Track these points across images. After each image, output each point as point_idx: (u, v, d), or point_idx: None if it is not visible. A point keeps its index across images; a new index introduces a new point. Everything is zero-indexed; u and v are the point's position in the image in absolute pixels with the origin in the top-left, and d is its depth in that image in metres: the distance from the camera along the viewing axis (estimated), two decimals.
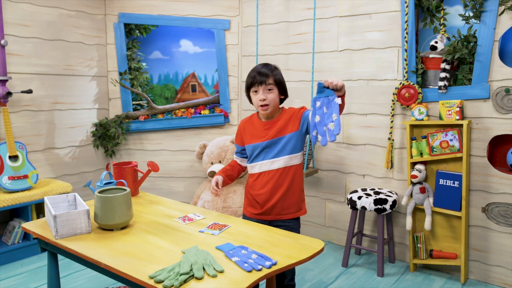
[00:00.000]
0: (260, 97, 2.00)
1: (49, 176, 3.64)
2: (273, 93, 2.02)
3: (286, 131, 2.04)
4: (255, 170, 2.09)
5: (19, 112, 3.39)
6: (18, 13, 3.33)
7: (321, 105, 1.76)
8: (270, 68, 2.04)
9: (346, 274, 2.98)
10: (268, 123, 2.07)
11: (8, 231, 3.23)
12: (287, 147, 2.03)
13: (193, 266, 1.46)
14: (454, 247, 2.93)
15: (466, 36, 2.78)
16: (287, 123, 2.05)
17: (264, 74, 2.00)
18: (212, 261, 1.51)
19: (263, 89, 2.00)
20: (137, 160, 4.01)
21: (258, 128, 2.09)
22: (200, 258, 1.51)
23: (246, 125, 2.16)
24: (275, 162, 2.04)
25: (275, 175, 2.04)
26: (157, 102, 4.14)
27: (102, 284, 2.78)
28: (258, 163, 2.07)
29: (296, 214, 2.10)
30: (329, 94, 1.76)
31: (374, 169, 3.26)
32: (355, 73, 3.28)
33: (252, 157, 2.10)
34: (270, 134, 2.05)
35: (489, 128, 2.75)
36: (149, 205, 2.24)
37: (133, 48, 3.99)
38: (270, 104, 2.01)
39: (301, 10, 3.52)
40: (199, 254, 1.54)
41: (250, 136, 2.11)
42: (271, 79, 2.01)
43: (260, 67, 2.05)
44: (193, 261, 1.49)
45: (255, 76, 2.01)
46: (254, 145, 2.08)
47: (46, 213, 1.96)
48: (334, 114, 1.72)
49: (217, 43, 3.94)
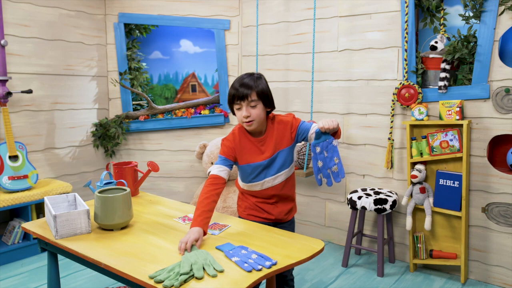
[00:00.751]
0: (244, 114, 1.88)
1: (49, 176, 3.64)
2: (258, 108, 1.89)
3: (282, 145, 1.97)
4: (257, 188, 2.02)
5: (19, 112, 3.39)
6: (18, 13, 3.33)
7: (321, 150, 1.85)
8: (253, 78, 1.90)
9: (346, 274, 2.98)
10: (261, 140, 1.97)
11: (8, 231, 3.23)
12: (286, 161, 2.00)
13: (193, 266, 1.46)
14: (454, 247, 2.93)
15: (466, 36, 2.78)
16: (282, 135, 1.97)
17: (247, 87, 1.87)
18: (212, 261, 1.51)
19: (246, 105, 1.88)
20: (137, 160, 4.01)
21: (253, 145, 1.97)
22: (200, 258, 1.51)
23: (241, 141, 1.98)
24: (278, 178, 2.00)
25: (278, 189, 2.02)
26: (157, 102, 4.14)
27: (102, 284, 2.78)
28: (260, 182, 1.99)
29: (293, 213, 2.15)
30: (327, 138, 1.84)
31: (374, 169, 3.26)
32: (355, 73, 3.28)
33: (252, 176, 1.99)
34: (268, 150, 1.96)
35: (489, 128, 2.75)
36: (149, 205, 2.24)
37: (133, 48, 3.99)
38: (255, 120, 1.89)
39: (301, 10, 3.52)
40: (199, 254, 1.54)
41: (247, 154, 1.98)
42: (254, 93, 1.87)
43: (242, 78, 1.91)
44: (193, 261, 1.49)
45: (237, 89, 1.88)
46: (255, 165, 1.97)
47: (46, 213, 1.96)
48: (335, 157, 1.83)
49: (217, 43, 3.94)
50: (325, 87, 3.45)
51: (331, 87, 3.42)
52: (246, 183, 2.04)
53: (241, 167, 2.01)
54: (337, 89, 3.39)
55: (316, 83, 3.48)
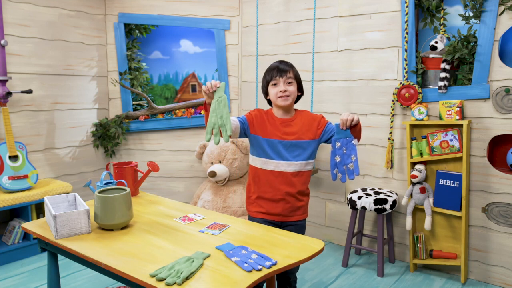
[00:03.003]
0: (281, 89, 2.01)
1: (49, 176, 3.64)
2: (293, 85, 2.05)
3: (306, 136, 2.04)
4: (270, 167, 2.04)
5: (19, 112, 3.39)
6: (18, 13, 3.33)
7: (341, 146, 1.90)
8: (289, 64, 2.08)
9: (346, 274, 2.98)
10: (285, 120, 2.06)
11: (8, 231, 3.23)
12: (305, 153, 2.04)
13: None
14: (454, 247, 2.93)
15: (466, 36, 2.78)
16: (308, 127, 2.05)
17: (284, 68, 2.03)
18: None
19: (283, 81, 2.02)
20: (137, 160, 4.01)
21: (275, 122, 2.06)
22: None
23: (263, 115, 2.08)
24: (292, 165, 2.03)
25: (290, 177, 2.03)
26: (157, 102, 4.14)
27: (102, 284, 2.78)
28: (275, 161, 2.03)
29: (303, 216, 2.14)
30: (347, 135, 1.90)
31: (374, 169, 3.26)
32: (355, 73, 3.28)
33: (268, 152, 2.03)
34: (289, 133, 2.03)
35: (489, 128, 2.75)
36: (149, 205, 2.24)
37: (133, 48, 3.99)
38: (291, 95, 2.03)
39: (301, 10, 3.52)
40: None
41: (266, 128, 2.05)
42: (291, 72, 2.04)
43: (278, 63, 2.07)
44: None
45: (275, 68, 2.04)
46: (270, 141, 2.03)
47: (46, 213, 1.96)
48: (353, 155, 1.88)
49: (217, 43, 3.94)
50: (325, 87, 3.45)
51: (331, 87, 3.42)
52: (261, 157, 2.06)
53: (260, 139, 2.04)
54: (337, 89, 3.39)
55: (316, 83, 3.48)
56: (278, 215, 2.08)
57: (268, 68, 2.09)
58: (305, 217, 2.15)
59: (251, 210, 2.13)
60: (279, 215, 2.08)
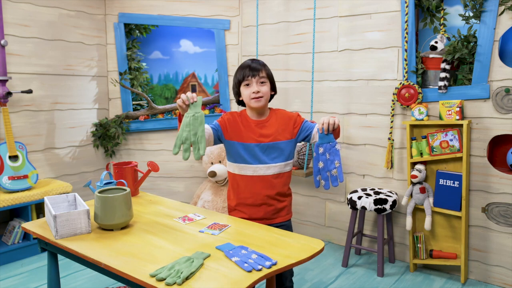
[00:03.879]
0: (254, 89, 1.94)
1: (49, 176, 3.64)
2: (266, 85, 1.98)
3: (282, 137, 1.99)
4: (248, 173, 2.00)
5: (19, 112, 3.39)
6: (18, 13, 3.33)
7: (324, 151, 1.84)
8: (261, 62, 2.00)
9: (346, 274, 2.98)
10: (260, 122, 2.00)
11: (8, 231, 3.23)
12: (283, 154, 2.00)
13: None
14: (454, 247, 2.93)
15: (466, 36, 2.78)
16: (284, 127, 2.00)
17: (257, 67, 1.96)
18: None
19: (256, 81, 1.95)
20: (137, 160, 4.01)
21: (250, 125, 2.00)
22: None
23: (236, 119, 2.01)
24: (271, 168, 1.99)
25: (270, 180, 1.99)
26: (157, 102, 4.14)
27: (102, 284, 2.78)
28: (253, 166, 1.98)
29: (287, 216, 2.09)
30: (331, 140, 1.85)
31: (374, 169, 3.26)
32: (355, 73, 3.28)
33: (245, 157, 1.98)
34: (265, 135, 1.98)
35: (489, 128, 2.75)
36: (149, 205, 2.24)
37: (133, 48, 3.99)
38: (264, 96, 1.96)
39: (301, 10, 3.52)
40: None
41: (241, 131, 1.99)
42: (264, 71, 1.98)
43: (250, 61, 1.99)
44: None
45: (248, 65, 1.96)
46: (246, 145, 1.97)
47: (46, 213, 1.96)
48: (336, 161, 1.83)
49: (217, 43, 3.94)
50: (325, 87, 3.45)
51: (331, 87, 3.42)
52: (238, 163, 2.00)
53: (235, 144, 1.99)
54: (337, 89, 3.39)
55: (316, 83, 3.48)
56: (261, 219, 2.03)
57: (239, 66, 2.01)
58: (289, 218, 2.10)
59: (234, 216, 2.08)
60: (262, 219, 2.03)
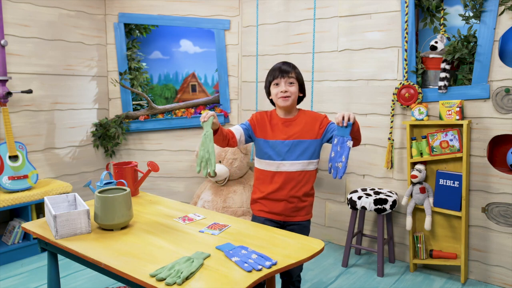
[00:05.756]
0: (282, 89, 2.04)
1: (49, 176, 3.64)
2: (294, 86, 2.07)
3: (307, 135, 2.06)
4: (272, 168, 2.07)
5: (19, 112, 3.39)
6: (18, 13, 3.33)
7: (337, 143, 1.90)
8: (292, 65, 2.11)
9: (346, 274, 2.98)
10: (287, 120, 2.09)
11: (8, 231, 3.23)
12: (307, 152, 2.05)
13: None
14: (454, 247, 2.93)
15: (466, 36, 2.78)
16: (310, 127, 2.07)
17: (288, 66, 2.07)
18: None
19: (285, 82, 2.05)
20: (137, 160, 4.01)
21: (277, 123, 2.09)
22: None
23: (264, 118, 2.12)
24: (295, 165, 2.05)
25: (293, 177, 2.05)
26: (157, 102, 4.14)
27: (102, 284, 2.78)
28: (277, 162, 2.05)
29: (306, 216, 2.13)
30: (345, 135, 1.88)
31: (374, 169, 3.26)
32: (355, 73, 3.28)
33: (270, 153, 2.06)
34: (291, 133, 2.06)
35: (489, 128, 2.75)
36: (149, 205, 2.24)
37: (133, 48, 3.99)
38: (291, 96, 2.05)
39: (301, 10, 3.52)
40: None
41: (267, 129, 2.09)
42: (293, 73, 2.07)
43: (281, 63, 2.10)
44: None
45: (279, 67, 2.07)
46: (271, 142, 2.06)
47: (46, 213, 1.96)
48: (343, 156, 1.86)
49: (217, 43, 3.94)
50: (325, 87, 3.45)
51: (331, 87, 3.42)
52: (263, 159, 2.09)
53: (262, 141, 2.09)
54: (337, 89, 3.39)
55: (316, 83, 3.48)
56: (280, 214, 2.08)
57: (271, 68, 2.11)
58: (309, 218, 2.15)
59: (255, 209, 2.16)
60: (281, 214, 2.08)
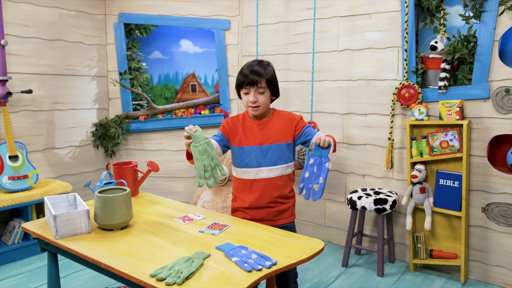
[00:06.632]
0: (251, 99, 1.96)
1: (49, 176, 3.64)
2: (265, 95, 1.98)
3: (284, 139, 2.01)
4: (250, 176, 2.02)
5: (19, 112, 3.39)
6: (18, 13, 3.33)
7: (314, 163, 1.84)
8: (263, 66, 1.99)
9: (346, 274, 2.98)
10: (261, 123, 2.03)
11: (8, 231, 3.23)
12: (284, 156, 2.01)
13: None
14: (454, 247, 2.93)
15: (466, 36, 2.78)
16: (286, 130, 2.01)
17: (257, 74, 1.95)
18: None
19: (254, 91, 1.96)
20: (137, 160, 4.01)
21: (251, 126, 2.03)
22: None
23: (236, 123, 2.05)
24: (273, 171, 2.01)
25: (272, 183, 2.01)
26: (157, 102, 4.14)
27: (102, 284, 2.78)
28: (255, 169, 2.01)
29: (290, 218, 2.10)
30: (323, 156, 1.83)
31: (374, 169, 3.26)
32: (355, 73, 3.28)
33: (246, 160, 2.01)
34: (266, 137, 2.00)
35: (489, 128, 2.75)
36: (149, 205, 2.24)
37: (133, 48, 3.99)
38: (261, 106, 1.98)
39: (301, 10, 3.52)
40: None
41: (241, 136, 2.02)
42: (263, 81, 1.96)
43: (253, 65, 1.98)
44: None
45: (247, 76, 1.96)
46: (247, 148, 2.00)
47: (46, 213, 1.96)
48: (321, 177, 1.80)
49: (217, 43, 3.94)
50: (325, 87, 3.45)
51: (331, 87, 3.42)
52: (240, 167, 2.03)
53: (237, 149, 2.03)
54: (337, 89, 3.39)
55: (316, 83, 3.48)
56: (263, 220, 2.03)
57: (241, 71, 2.00)
58: (292, 220, 2.11)
59: (237, 217, 2.09)
60: (264, 220, 2.03)
